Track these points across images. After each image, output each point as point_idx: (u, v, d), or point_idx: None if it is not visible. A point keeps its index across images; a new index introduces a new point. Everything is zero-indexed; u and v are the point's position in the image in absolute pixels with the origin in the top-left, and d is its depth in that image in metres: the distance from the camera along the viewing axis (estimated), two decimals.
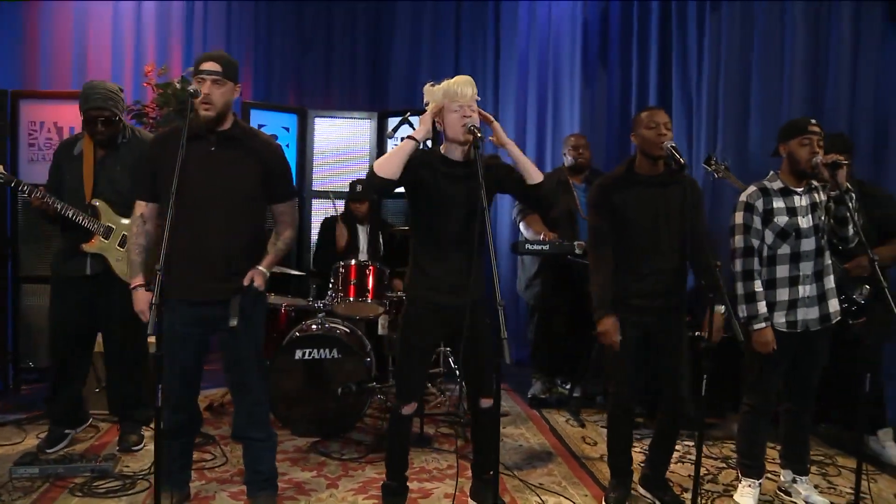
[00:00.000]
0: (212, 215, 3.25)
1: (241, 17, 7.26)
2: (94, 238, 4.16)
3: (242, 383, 3.45)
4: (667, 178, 3.55)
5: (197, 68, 3.26)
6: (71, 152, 4.26)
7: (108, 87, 4.18)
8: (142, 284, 3.34)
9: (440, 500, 3.71)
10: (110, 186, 4.23)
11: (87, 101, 4.11)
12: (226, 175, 3.28)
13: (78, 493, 3.67)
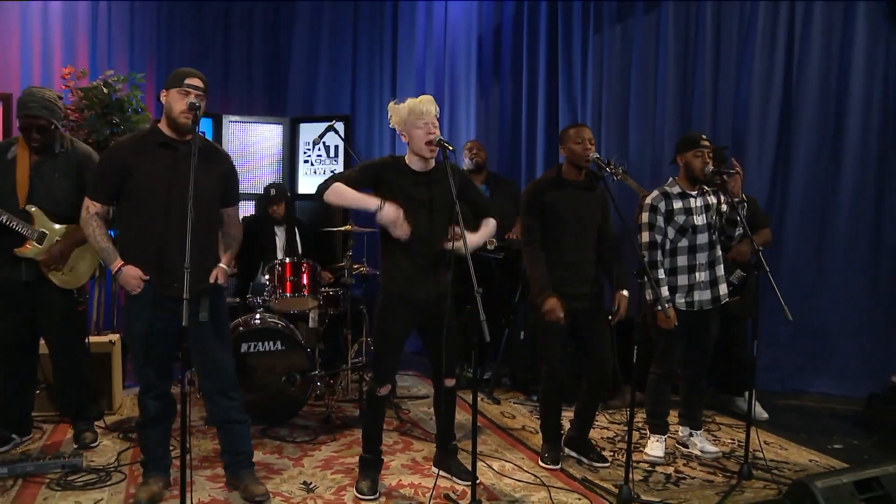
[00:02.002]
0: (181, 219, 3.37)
1: (144, 19, 7.37)
2: (28, 243, 4.20)
3: (218, 371, 3.76)
4: (588, 183, 4.21)
5: (182, 82, 3.51)
6: (4, 157, 4.26)
7: (46, 95, 4.24)
8: (124, 264, 3.52)
9: (399, 470, 4.20)
10: (47, 193, 4.26)
11: (24, 108, 4.16)
12: (201, 180, 3.46)
13: (56, 488, 3.84)
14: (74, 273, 4.39)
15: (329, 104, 7.53)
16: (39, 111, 4.16)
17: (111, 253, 3.56)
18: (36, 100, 4.17)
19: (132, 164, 3.51)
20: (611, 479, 4.06)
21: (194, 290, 3.34)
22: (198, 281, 3.54)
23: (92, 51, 6.98)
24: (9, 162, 4.25)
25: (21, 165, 4.24)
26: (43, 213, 4.25)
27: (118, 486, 3.92)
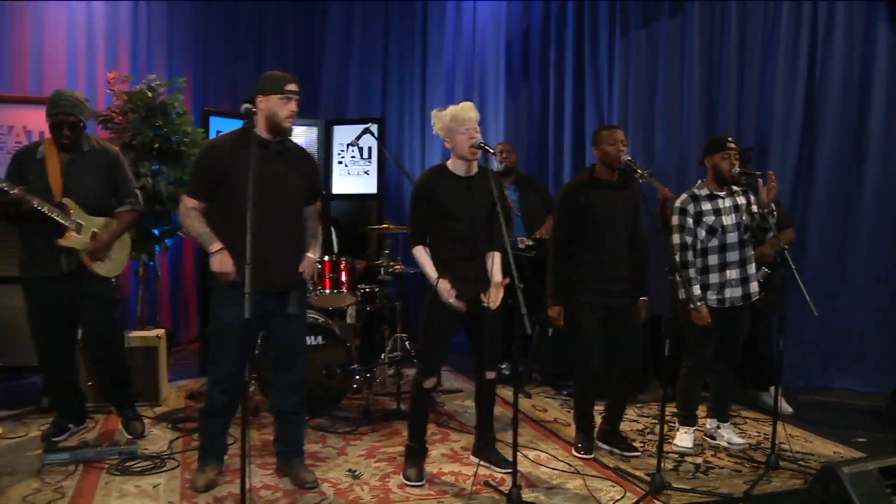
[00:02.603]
0: (277, 215, 3.72)
1: (181, 22, 7.62)
2: (68, 233, 4.35)
3: (293, 364, 3.99)
4: (621, 183, 4.38)
5: (283, 88, 3.73)
6: (34, 156, 4.42)
7: (75, 95, 4.43)
8: (221, 247, 3.70)
9: (440, 459, 4.39)
10: (79, 190, 4.41)
11: (55, 107, 4.34)
12: (288, 180, 3.80)
13: (116, 473, 4.07)
14: (114, 261, 4.59)
15: (361, 106, 7.71)
16: (70, 109, 4.34)
17: (210, 236, 3.73)
18: (66, 98, 4.36)
19: (229, 163, 3.68)
20: (642, 469, 4.24)
21: (285, 284, 3.65)
22: (288, 275, 3.80)
23: (133, 54, 7.22)
24: (39, 161, 4.40)
25: (52, 164, 4.40)
26: (78, 206, 4.41)
27: (173, 473, 4.12)
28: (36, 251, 4.41)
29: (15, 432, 4.77)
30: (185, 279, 7.77)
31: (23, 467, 4.16)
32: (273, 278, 3.74)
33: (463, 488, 3.95)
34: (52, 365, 4.61)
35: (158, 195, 5.70)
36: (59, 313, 4.51)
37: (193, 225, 3.78)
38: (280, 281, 3.79)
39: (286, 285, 3.82)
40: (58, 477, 4.02)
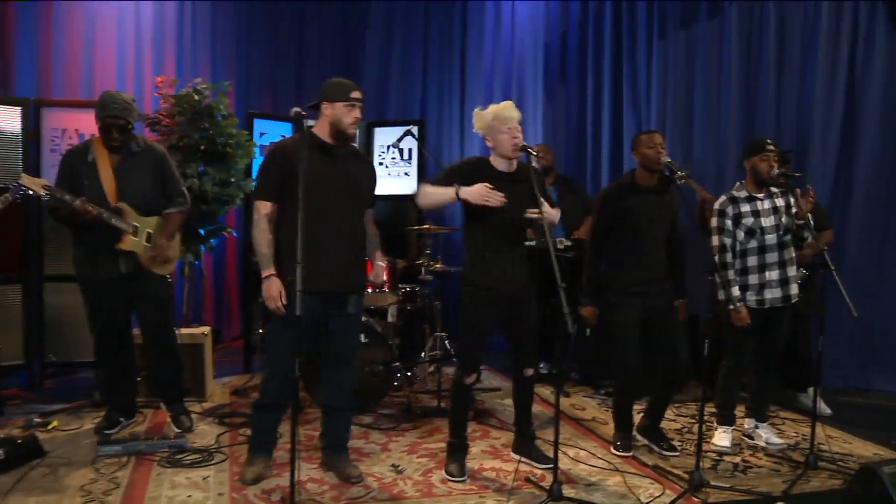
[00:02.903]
0: (341, 217, 3.86)
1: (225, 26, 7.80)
2: (126, 237, 4.50)
3: (347, 361, 4.11)
4: (661, 187, 4.44)
5: (348, 95, 3.85)
6: (85, 159, 4.55)
7: (123, 97, 4.56)
8: (273, 274, 3.83)
9: (480, 455, 4.48)
10: (133, 191, 4.57)
11: (105, 110, 4.46)
12: (352, 184, 3.93)
13: (166, 465, 4.21)
14: (169, 259, 4.76)
15: (401, 108, 7.81)
16: (120, 112, 4.47)
17: (267, 259, 3.84)
18: (116, 101, 4.48)
19: (295, 165, 3.75)
20: (681, 467, 4.28)
21: (346, 285, 3.85)
22: (349, 276, 3.93)
23: (178, 57, 7.41)
24: (90, 164, 4.54)
25: (103, 167, 4.54)
26: (132, 209, 4.56)
27: (221, 465, 4.26)
28: (93, 253, 4.55)
29: (69, 425, 4.94)
30: (227, 278, 7.93)
31: (78, 458, 4.33)
32: (334, 279, 3.86)
33: (504, 484, 4.04)
34: (109, 361, 4.77)
35: (204, 196, 5.83)
36: (117, 311, 4.68)
37: (260, 239, 3.88)
38: (341, 282, 3.90)
39: (347, 286, 3.93)
40: (112, 468, 4.18)
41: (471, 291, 4.07)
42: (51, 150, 5.87)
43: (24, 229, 5.81)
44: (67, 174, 4.55)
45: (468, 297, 4.09)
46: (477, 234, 4.06)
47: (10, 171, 5.64)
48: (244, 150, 6.09)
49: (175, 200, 4.75)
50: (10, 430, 4.77)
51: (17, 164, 5.72)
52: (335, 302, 3.92)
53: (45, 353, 5.96)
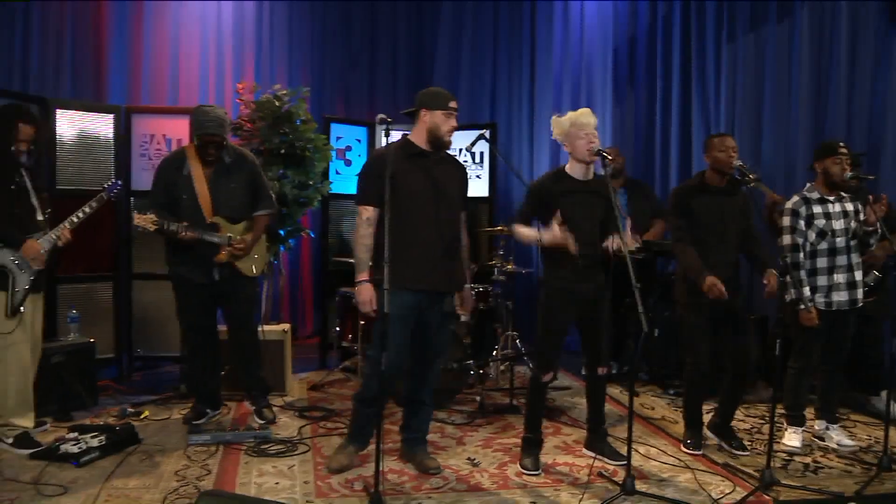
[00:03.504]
0: (439, 221, 4.04)
1: (301, 34, 8.07)
2: (223, 250, 4.76)
3: (436, 359, 4.31)
4: (730, 188, 4.52)
5: (447, 105, 4.07)
6: (181, 173, 4.79)
7: (217, 112, 4.79)
8: (367, 280, 4.03)
9: (553, 450, 4.62)
10: (227, 203, 4.82)
11: (202, 127, 4.70)
12: (448, 189, 4.13)
13: (253, 455, 4.44)
14: (257, 260, 5.00)
15: (471, 112, 7.95)
16: (216, 129, 4.72)
17: (364, 265, 4.04)
18: (210, 119, 4.72)
19: (396, 171, 3.93)
20: (751, 466, 4.34)
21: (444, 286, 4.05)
22: (447, 278, 4.12)
23: (257, 62, 7.69)
24: (186, 178, 4.79)
25: (199, 181, 4.79)
26: (225, 221, 4.82)
27: (305, 456, 4.47)
28: (190, 262, 4.80)
29: (159, 415, 5.22)
30: (302, 278, 8.19)
31: (170, 446, 4.59)
32: (433, 280, 4.05)
33: (577, 478, 4.17)
34: (196, 355, 5.04)
35: (283, 198, 6.07)
36: (206, 309, 4.96)
37: (359, 244, 4.06)
38: (439, 283, 4.08)
39: (444, 287, 4.11)
40: (202, 455, 4.43)
41: (550, 293, 4.22)
42: (140, 154, 6.17)
43: (115, 230, 6.11)
44: (163, 187, 4.82)
45: (547, 299, 4.23)
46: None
47: (103, 176, 5.95)
48: (321, 153, 6.32)
49: (263, 204, 5.01)
50: (106, 419, 5.07)
51: (110, 169, 6.05)
52: (432, 301, 4.11)
53: (134, 348, 6.27)
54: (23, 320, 4.43)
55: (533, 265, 7.27)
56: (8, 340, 4.37)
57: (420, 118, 4.09)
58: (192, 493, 3.83)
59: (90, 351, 5.47)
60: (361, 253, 4.04)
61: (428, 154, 4.11)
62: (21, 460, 4.28)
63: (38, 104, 5.52)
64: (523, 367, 6.29)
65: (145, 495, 3.82)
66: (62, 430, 4.68)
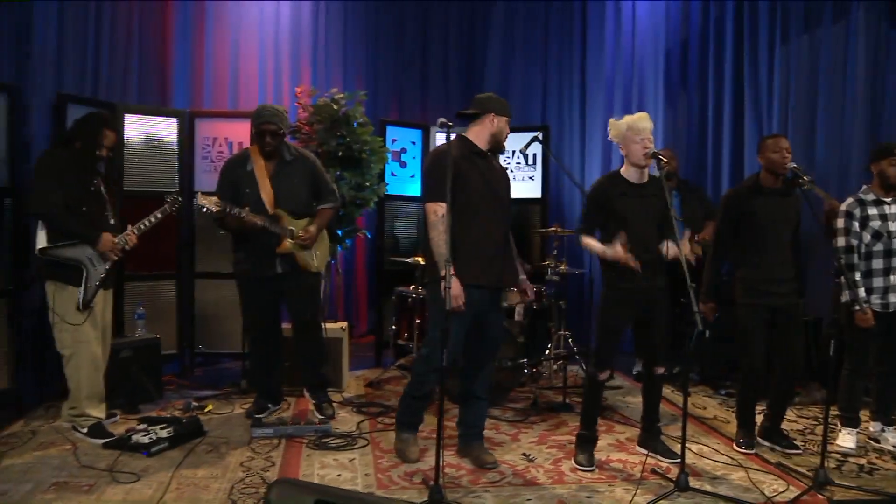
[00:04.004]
0: (498, 218, 4.19)
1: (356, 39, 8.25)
2: (284, 241, 4.95)
3: (491, 354, 4.44)
4: (784, 190, 4.56)
5: (510, 113, 4.34)
6: (244, 169, 5.00)
7: (275, 107, 5.07)
8: (454, 274, 4.01)
9: (606, 447, 4.70)
10: (288, 197, 5.01)
11: (259, 117, 4.94)
12: (503, 186, 4.30)
13: (314, 448, 4.60)
14: (320, 256, 5.18)
15: (522, 115, 8.03)
16: (271, 118, 4.93)
17: (444, 261, 4.05)
18: (267, 110, 4.99)
19: (460, 170, 4.10)
20: (804, 466, 4.38)
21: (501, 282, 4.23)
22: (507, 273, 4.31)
23: (313, 64, 7.88)
24: (250, 174, 5.00)
25: (261, 176, 4.99)
26: (287, 214, 4.99)
27: (364, 450, 4.61)
28: (252, 254, 5.00)
29: (222, 409, 5.41)
30: (357, 278, 8.35)
31: (234, 438, 4.77)
32: (494, 276, 4.21)
33: (631, 474, 4.24)
34: (260, 351, 5.20)
35: (341, 199, 6.21)
36: (269, 306, 5.13)
37: (437, 241, 4.11)
38: (497, 279, 4.23)
39: (503, 282, 4.28)
40: (266, 448, 4.59)
41: (610, 293, 4.31)
42: (202, 157, 6.39)
43: (178, 232, 6.32)
44: (229, 182, 5.02)
45: (608, 298, 4.32)
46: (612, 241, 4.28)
47: (167, 178, 6.18)
48: (378, 156, 6.46)
49: (327, 198, 5.19)
50: (172, 412, 5.27)
51: (174, 172, 6.27)
52: (492, 296, 4.26)
53: (195, 344, 6.48)
54: (93, 315, 4.65)
55: (586, 266, 7.33)
56: (80, 334, 4.59)
57: (484, 121, 4.25)
58: (258, 483, 4.01)
59: (156, 347, 5.68)
60: (443, 249, 3.99)
61: (485, 155, 4.29)
62: (95, 449, 4.49)
63: (108, 109, 5.73)
64: (576, 367, 6.36)
65: (213, 484, 3.99)
66: (131, 422, 4.89)
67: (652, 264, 4.27)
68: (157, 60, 6.91)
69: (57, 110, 5.57)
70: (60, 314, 4.57)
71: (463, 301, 4.04)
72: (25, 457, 4.35)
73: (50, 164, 4.56)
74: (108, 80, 6.23)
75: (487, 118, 4.24)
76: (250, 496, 3.83)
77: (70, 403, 4.73)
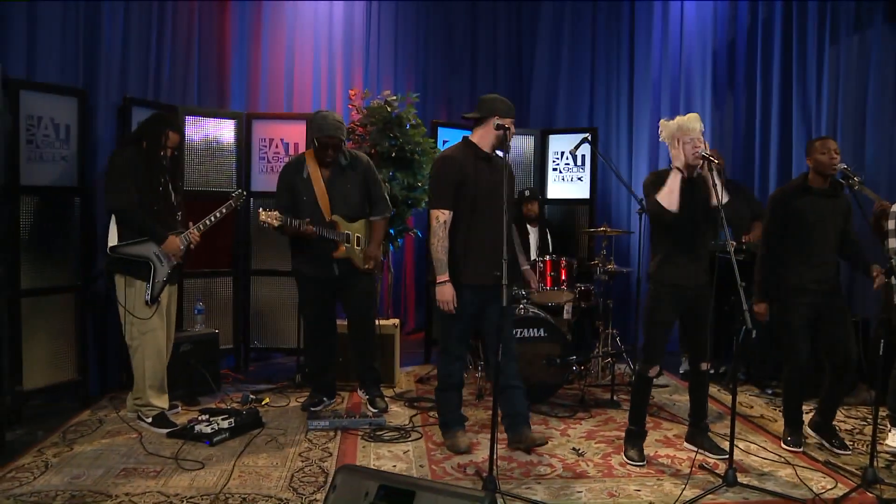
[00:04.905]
0: (498, 218, 4.25)
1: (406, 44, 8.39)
2: (341, 246, 5.11)
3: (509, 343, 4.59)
4: (832, 191, 4.61)
5: (514, 114, 4.46)
6: (301, 175, 5.14)
7: (336, 117, 5.14)
8: (447, 280, 4.36)
9: (654, 444, 4.78)
10: (343, 202, 5.16)
11: (322, 130, 5.02)
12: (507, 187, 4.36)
13: (369, 440, 4.75)
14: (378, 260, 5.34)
15: (569, 117, 8.12)
16: (335, 131, 5.05)
17: (443, 266, 4.36)
18: (329, 122, 5.06)
19: (463, 174, 4.34)
20: (853, 465, 4.41)
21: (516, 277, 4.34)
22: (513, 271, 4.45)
23: (365, 66, 8.04)
24: (306, 181, 5.14)
25: (317, 181, 5.14)
26: (343, 220, 5.16)
27: (418, 442, 4.74)
28: (312, 257, 5.15)
29: (278, 402, 5.58)
30: (406, 276, 8.50)
31: (291, 430, 4.94)
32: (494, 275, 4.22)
33: (679, 469, 4.33)
34: (317, 347, 5.37)
35: (393, 199, 6.35)
36: (326, 304, 5.30)
37: (437, 247, 4.37)
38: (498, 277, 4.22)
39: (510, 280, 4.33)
40: (322, 439, 4.76)
41: (657, 289, 4.40)
42: (259, 157, 6.57)
43: (235, 230, 6.52)
44: (286, 189, 5.18)
45: (655, 295, 4.41)
46: (664, 237, 4.38)
47: (225, 178, 6.39)
48: (429, 156, 6.59)
49: (378, 207, 5.33)
50: (230, 404, 5.46)
51: (232, 172, 6.47)
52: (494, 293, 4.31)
53: (251, 340, 6.67)
54: (160, 308, 4.85)
55: (633, 265, 7.39)
56: (146, 326, 4.81)
57: (489, 124, 4.40)
58: (317, 472, 4.18)
59: (215, 341, 5.89)
60: (441, 255, 4.34)
61: (490, 157, 4.46)
62: (160, 438, 4.70)
63: (170, 112, 5.94)
64: (623, 365, 6.44)
65: (273, 473, 4.16)
66: (192, 413, 5.09)
67: (700, 260, 4.38)
68: (216, 63, 7.09)
69: (122, 112, 5.79)
70: (129, 308, 4.78)
71: (453, 305, 4.32)
72: (94, 444, 4.57)
73: (123, 163, 4.77)
74: (170, 82, 6.42)
75: (491, 121, 4.39)
76: (310, 484, 4.00)
77: (135, 394, 4.95)
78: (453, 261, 4.39)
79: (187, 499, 3.78)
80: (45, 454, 4.38)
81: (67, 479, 4.01)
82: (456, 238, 4.40)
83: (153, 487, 3.91)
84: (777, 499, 3.91)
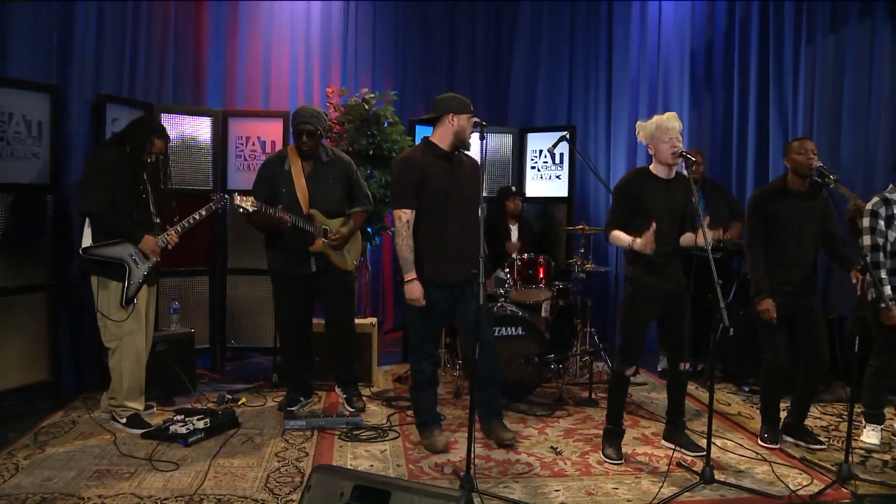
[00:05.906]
0: (466, 217, 4.32)
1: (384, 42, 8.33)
2: (317, 240, 5.07)
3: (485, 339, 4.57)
4: (811, 193, 4.62)
5: (471, 109, 4.49)
6: (282, 168, 5.11)
7: (313, 108, 5.18)
8: (414, 278, 4.37)
9: (632, 441, 4.78)
10: (323, 198, 5.12)
11: (297, 118, 5.05)
12: (469, 186, 4.45)
13: (346, 440, 4.72)
14: (352, 255, 5.31)
15: (548, 115, 8.11)
16: (308, 118, 5.03)
17: (409, 264, 4.37)
18: (306, 111, 5.09)
19: (424, 174, 4.36)
20: (828, 461, 4.44)
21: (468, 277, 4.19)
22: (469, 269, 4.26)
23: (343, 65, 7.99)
24: (287, 173, 5.11)
25: (297, 174, 5.10)
26: (321, 214, 5.11)
27: (395, 442, 4.72)
28: (287, 252, 5.11)
29: (254, 402, 5.54)
30: (384, 275, 8.47)
31: (268, 430, 4.90)
32: (460, 272, 4.36)
33: (656, 467, 4.33)
34: (293, 346, 5.32)
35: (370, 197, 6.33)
36: (302, 303, 5.25)
37: (402, 246, 4.40)
38: (465, 274, 4.31)
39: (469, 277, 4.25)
40: (299, 439, 4.72)
41: (634, 290, 4.39)
42: (235, 155, 6.50)
43: (211, 228, 6.45)
44: (266, 181, 5.13)
45: (632, 296, 4.40)
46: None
47: (202, 176, 6.33)
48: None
49: (360, 201, 5.31)
50: (206, 404, 5.40)
51: (208, 170, 6.40)
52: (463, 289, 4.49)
53: (227, 339, 6.61)
54: (137, 310, 4.79)
55: (611, 264, 7.40)
56: (124, 329, 4.75)
57: (446, 122, 4.44)
58: (293, 472, 4.14)
59: (191, 340, 5.84)
60: (407, 253, 4.38)
61: (451, 156, 4.46)
62: (134, 439, 4.64)
63: (145, 109, 5.87)
64: (601, 363, 6.44)
65: (249, 473, 4.12)
66: (167, 413, 5.04)
67: (675, 259, 4.38)
68: (192, 60, 7.02)
69: (96, 110, 5.70)
70: (104, 310, 4.72)
71: (422, 303, 4.36)
72: (67, 446, 4.51)
73: (100, 166, 4.72)
74: (145, 79, 6.34)
75: (447, 119, 4.43)
76: (286, 485, 3.97)
77: (110, 395, 4.89)
78: (418, 259, 4.41)
79: (161, 500, 3.73)
80: (15, 456, 4.31)
81: (38, 481, 3.95)
82: (420, 237, 4.42)
83: (126, 489, 3.86)
84: (754, 496, 3.92)
